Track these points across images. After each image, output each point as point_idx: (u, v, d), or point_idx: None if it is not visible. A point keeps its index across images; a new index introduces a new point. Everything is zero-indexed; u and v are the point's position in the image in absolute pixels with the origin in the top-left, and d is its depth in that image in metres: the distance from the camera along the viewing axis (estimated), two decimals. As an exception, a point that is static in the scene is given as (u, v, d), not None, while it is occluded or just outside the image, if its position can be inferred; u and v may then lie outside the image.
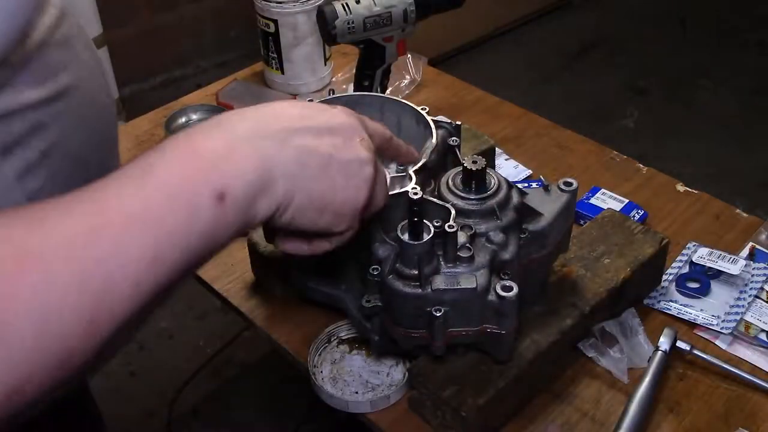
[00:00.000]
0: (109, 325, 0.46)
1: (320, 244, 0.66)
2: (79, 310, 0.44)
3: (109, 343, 0.47)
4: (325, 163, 0.59)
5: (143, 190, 0.49)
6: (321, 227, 0.61)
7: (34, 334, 0.42)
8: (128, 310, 0.47)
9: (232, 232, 0.53)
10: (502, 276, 0.78)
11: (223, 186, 0.51)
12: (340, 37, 1.19)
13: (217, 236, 0.52)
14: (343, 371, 0.93)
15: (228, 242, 0.54)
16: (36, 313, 0.42)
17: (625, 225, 1.01)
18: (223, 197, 0.51)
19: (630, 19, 3.55)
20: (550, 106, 2.95)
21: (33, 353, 0.42)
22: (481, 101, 1.44)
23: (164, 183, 0.50)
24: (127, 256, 0.47)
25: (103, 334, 0.45)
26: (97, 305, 0.45)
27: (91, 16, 2.46)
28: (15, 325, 0.42)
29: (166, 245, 0.49)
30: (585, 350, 0.92)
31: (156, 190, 0.49)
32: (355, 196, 0.62)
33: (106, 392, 1.96)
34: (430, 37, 2.92)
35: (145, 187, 0.49)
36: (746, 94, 3.06)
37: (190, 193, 0.50)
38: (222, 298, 1.06)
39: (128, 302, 0.47)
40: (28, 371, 0.42)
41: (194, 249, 0.51)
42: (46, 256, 0.44)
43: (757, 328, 0.96)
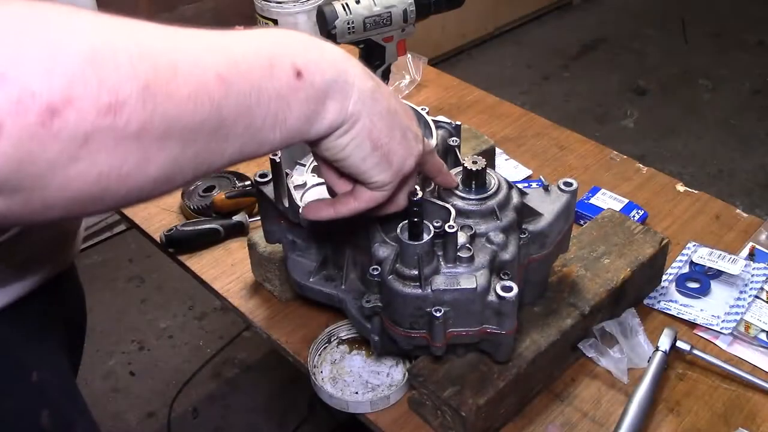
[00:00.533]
0: (153, 113, 0.46)
1: (346, 203, 0.69)
2: (135, 72, 0.45)
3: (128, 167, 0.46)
4: (393, 114, 0.63)
5: (242, 37, 0.54)
6: (366, 168, 0.64)
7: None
8: (174, 116, 0.47)
9: (296, 115, 0.56)
10: (502, 276, 0.78)
11: (304, 65, 0.55)
12: (340, 37, 1.19)
13: (281, 108, 0.54)
14: (343, 371, 0.93)
15: (288, 130, 0.56)
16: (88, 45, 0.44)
17: (625, 225, 1.01)
18: (300, 75, 0.55)
19: (630, 19, 3.56)
20: (550, 106, 2.96)
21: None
22: (481, 101, 1.44)
23: (259, 40, 0.55)
24: (203, 63, 0.49)
25: (150, 108, 0.45)
26: (155, 77, 0.46)
27: (91, 16, 2.46)
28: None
29: (237, 79, 0.51)
30: (585, 350, 0.92)
31: (251, 40, 0.54)
32: (406, 154, 0.66)
33: (106, 392, 1.96)
34: (430, 37, 2.94)
35: (246, 36, 0.54)
36: (746, 94, 3.06)
37: (273, 55, 0.54)
38: (222, 298, 1.06)
39: (178, 105, 0.47)
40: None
41: (257, 105, 0.52)
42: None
43: (757, 328, 0.96)
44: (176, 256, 1.12)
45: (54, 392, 0.79)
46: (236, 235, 1.13)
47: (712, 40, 3.39)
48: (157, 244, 1.13)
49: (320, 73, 0.57)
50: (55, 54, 0.42)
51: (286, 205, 0.86)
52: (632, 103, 3.02)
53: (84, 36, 0.44)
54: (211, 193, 1.17)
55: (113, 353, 2.06)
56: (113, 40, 0.46)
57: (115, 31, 0.47)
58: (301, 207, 0.69)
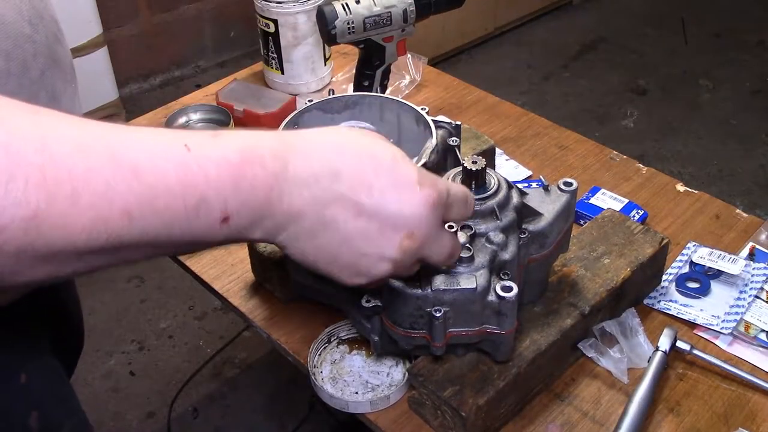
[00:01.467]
0: (41, 232, 0.43)
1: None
2: (26, 196, 0.42)
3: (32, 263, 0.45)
4: (338, 243, 0.58)
5: (176, 158, 0.49)
6: (329, 273, 0.61)
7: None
8: (60, 245, 0.45)
9: (214, 244, 0.54)
10: (502, 276, 0.78)
11: (235, 210, 0.52)
12: (339, 37, 1.20)
13: (194, 242, 0.52)
14: (343, 371, 0.93)
15: (205, 250, 0.55)
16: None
17: (625, 225, 1.01)
18: (227, 220, 0.51)
19: (630, 19, 3.56)
20: (550, 106, 2.96)
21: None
22: (481, 101, 1.44)
23: (202, 169, 0.49)
24: (111, 194, 0.45)
25: (33, 237, 0.43)
26: (47, 207, 0.43)
27: (91, 16, 2.46)
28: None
29: (147, 216, 0.47)
30: (585, 350, 0.92)
31: (193, 169, 0.49)
32: (347, 278, 0.61)
33: (106, 392, 1.96)
34: (430, 37, 2.94)
35: (195, 159, 0.49)
36: (746, 94, 3.06)
37: (205, 197, 0.50)
38: (222, 298, 1.06)
39: (67, 236, 0.44)
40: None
41: (167, 238, 0.50)
42: (48, 140, 0.44)
43: (757, 328, 0.96)
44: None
45: (43, 394, 0.79)
46: (236, 235, 1.13)
47: (712, 40, 3.39)
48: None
49: (251, 218, 0.53)
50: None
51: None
52: (632, 103, 3.02)
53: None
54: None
55: (113, 353, 2.06)
56: (18, 156, 0.43)
57: (26, 145, 0.44)
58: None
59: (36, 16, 0.70)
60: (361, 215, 0.57)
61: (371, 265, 0.60)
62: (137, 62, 2.99)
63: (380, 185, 0.57)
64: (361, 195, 0.57)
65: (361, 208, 0.57)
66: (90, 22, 2.45)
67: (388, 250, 0.59)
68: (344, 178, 0.56)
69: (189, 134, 0.52)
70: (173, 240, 0.50)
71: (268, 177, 0.54)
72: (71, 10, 2.33)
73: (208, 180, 0.50)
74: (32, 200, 0.42)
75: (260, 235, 0.56)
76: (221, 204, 0.51)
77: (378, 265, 0.60)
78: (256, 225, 0.54)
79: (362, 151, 0.58)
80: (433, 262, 0.66)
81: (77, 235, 0.45)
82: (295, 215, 0.55)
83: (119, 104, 2.66)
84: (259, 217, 0.54)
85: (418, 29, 1.26)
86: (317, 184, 0.56)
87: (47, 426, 0.77)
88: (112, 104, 2.62)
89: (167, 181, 0.48)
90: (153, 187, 0.47)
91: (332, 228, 0.57)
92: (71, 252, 0.46)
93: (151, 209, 0.47)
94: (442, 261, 0.66)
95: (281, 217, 0.55)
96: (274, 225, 0.55)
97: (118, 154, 0.47)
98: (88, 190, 0.45)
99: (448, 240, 0.65)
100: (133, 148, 0.48)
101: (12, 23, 0.66)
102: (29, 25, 0.68)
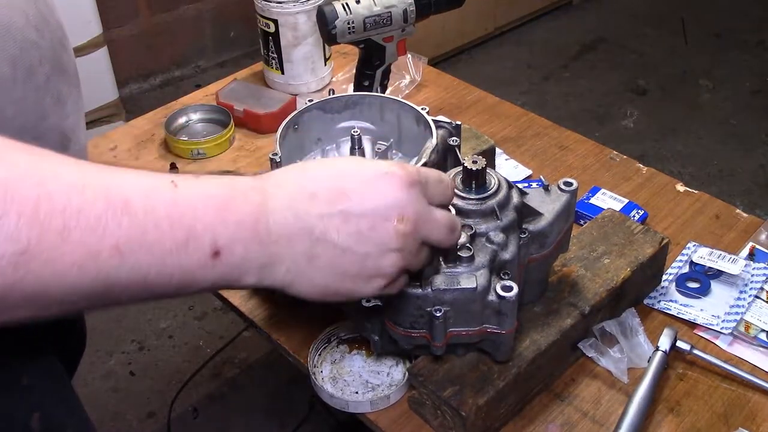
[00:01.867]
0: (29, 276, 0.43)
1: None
2: (18, 232, 0.42)
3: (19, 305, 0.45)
4: (339, 255, 0.58)
5: (164, 195, 0.49)
6: (327, 302, 0.61)
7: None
8: (48, 283, 0.44)
9: (206, 286, 0.53)
10: (502, 276, 0.78)
11: (226, 245, 0.51)
12: (340, 37, 1.20)
13: (185, 280, 0.51)
14: (343, 371, 0.93)
15: (198, 292, 0.53)
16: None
17: (625, 225, 1.01)
18: (218, 254, 0.51)
19: (630, 19, 3.56)
20: (550, 106, 2.96)
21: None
22: (481, 101, 1.44)
23: (189, 204, 0.50)
24: (101, 230, 0.46)
25: (22, 273, 0.43)
26: (38, 242, 0.43)
27: (91, 16, 2.46)
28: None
29: (137, 252, 0.47)
30: (585, 350, 0.92)
31: (180, 203, 0.50)
32: (364, 287, 0.60)
33: (106, 392, 1.96)
34: (430, 37, 2.94)
35: (170, 196, 0.50)
36: (746, 94, 3.06)
37: (193, 228, 0.50)
38: (222, 298, 1.06)
39: (57, 274, 0.44)
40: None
41: (156, 276, 0.49)
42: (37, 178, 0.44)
43: (757, 328, 0.96)
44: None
45: (45, 395, 0.79)
46: (236, 235, 1.13)
47: (712, 40, 3.39)
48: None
49: (243, 252, 0.53)
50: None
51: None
52: (632, 103, 3.02)
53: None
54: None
55: (113, 353, 2.06)
56: (14, 193, 0.43)
57: (23, 182, 0.44)
58: None
59: (42, 21, 0.70)
60: (348, 220, 0.57)
61: (378, 261, 0.59)
62: (137, 62, 2.99)
63: (354, 188, 0.58)
64: (341, 204, 0.57)
65: (346, 214, 0.57)
66: (90, 22, 2.45)
67: (387, 240, 0.59)
68: (320, 196, 0.57)
69: (174, 175, 0.53)
70: (164, 279, 0.50)
71: (252, 209, 0.54)
72: (71, 10, 2.33)
73: (195, 215, 0.51)
74: (23, 236, 0.43)
75: (256, 278, 0.55)
76: (210, 238, 0.51)
77: (385, 260, 0.59)
78: (248, 263, 0.54)
79: (327, 169, 0.60)
80: (437, 241, 0.65)
81: (67, 271, 0.45)
82: (286, 243, 0.56)
83: (119, 104, 2.66)
84: (250, 253, 0.54)
85: (418, 29, 1.26)
86: (298, 206, 0.56)
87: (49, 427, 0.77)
88: (112, 104, 2.62)
89: (156, 216, 0.49)
90: (142, 222, 0.48)
91: (326, 242, 0.57)
92: (60, 290, 0.45)
93: (140, 245, 0.47)
94: (444, 237, 0.65)
95: (274, 248, 0.55)
96: (269, 261, 0.55)
97: (111, 192, 0.48)
98: (79, 225, 0.45)
99: (442, 215, 0.64)
100: (124, 185, 0.49)
101: (18, 29, 0.66)
102: (35, 31, 0.69)
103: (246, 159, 1.30)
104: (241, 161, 1.30)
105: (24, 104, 0.67)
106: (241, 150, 1.32)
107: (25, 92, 0.67)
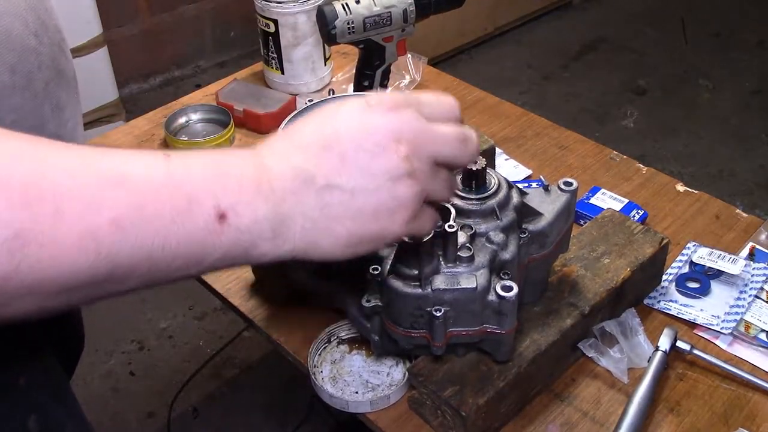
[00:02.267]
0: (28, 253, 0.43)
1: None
2: (10, 218, 0.42)
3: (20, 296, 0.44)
4: (349, 197, 0.55)
5: (158, 166, 0.48)
6: (358, 255, 0.57)
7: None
8: (47, 268, 0.43)
9: (218, 258, 0.51)
10: (502, 276, 0.78)
11: (230, 206, 0.50)
12: (340, 37, 1.20)
13: (194, 253, 0.49)
14: (343, 371, 0.93)
15: (210, 268, 0.51)
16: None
17: (625, 225, 1.01)
18: (224, 217, 0.49)
19: (630, 19, 3.55)
20: (550, 106, 2.96)
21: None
22: (481, 101, 1.44)
23: (185, 172, 0.49)
24: (97, 204, 0.45)
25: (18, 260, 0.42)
26: (32, 224, 0.42)
27: (91, 16, 2.46)
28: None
29: (137, 224, 0.46)
30: (585, 350, 0.92)
31: (174, 172, 0.48)
32: (390, 225, 0.56)
33: (106, 392, 1.96)
34: (430, 37, 2.94)
35: (174, 164, 0.49)
36: (746, 94, 3.06)
37: (194, 192, 0.49)
38: (222, 298, 1.06)
39: (55, 257, 0.43)
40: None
41: (161, 251, 0.47)
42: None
43: (757, 328, 0.96)
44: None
45: (42, 396, 0.79)
46: (236, 235, 1.13)
47: (712, 40, 3.39)
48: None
49: (250, 213, 0.51)
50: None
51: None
52: (632, 103, 3.02)
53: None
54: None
55: (113, 353, 2.06)
56: (2, 180, 0.42)
57: (13, 170, 0.43)
58: None
59: (41, 27, 0.70)
60: (346, 160, 0.55)
61: (393, 192, 0.55)
62: (137, 62, 2.99)
63: (341, 128, 0.56)
64: (334, 147, 0.55)
65: (342, 155, 0.55)
66: (90, 22, 2.45)
67: (392, 167, 0.55)
68: (312, 146, 0.55)
69: (167, 151, 0.52)
70: (169, 254, 0.48)
71: (251, 171, 0.53)
72: (71, 10, 2.33)
73: (193, 181, 0.50)
74: (15, 219, 0.42)
75: (272, 244, 0.53)
76: (212, 201, 0.49)
77: (399, 188, 0.56)
78: (259, 225, 0.52)
79: (311, 122, 0.58)
80: (450, 157, 0.60)
81: (65, 253, 0.44)
82: (293, 199, 0.53)
83: (119, 104, 2.66)
84: (258, 212, 0.52)
85: (418, 29, 1.26)
86: (293, 160, 0.54)
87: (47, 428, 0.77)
88: (112, 104, 2.62)
89: (153, 185, 0.48)
90: (140, 193, 0.47)
91: (333, 188, 0.54)
92: (61, 275, 0.44)
93: (140, 217, 0.46)
94: (456, 151, 0.60)
95: (283, 206, 0.53)
96: (280, 221, 0.53)
97: (104, 171, 0.47)
98: (73, 205, 0.44)
99: (447, 128, 0.60)
100: (116, 162, 0.48)
101: (18, 36, 0.66)
102: (34, 38, 0.68)
103: (246, 159, 1.30)
104: (241, 161, 1.30)
105: (23, 111, 0.67)
106: (241, 150, 1.32)
107: (24, 99, 0.67)
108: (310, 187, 0.54)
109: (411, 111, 0.57)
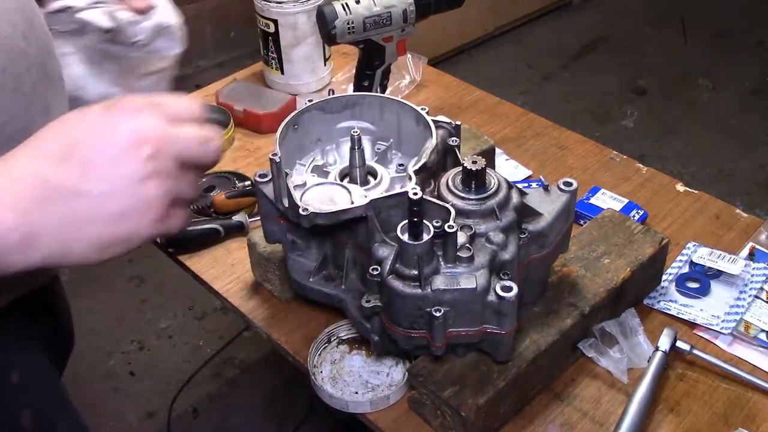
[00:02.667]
0: None
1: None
2: None
3: None
4: (98, 202, 0.54)
5: None
6: (113, 257, 0.57)
7: None
8: None
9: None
10: (502, 276, 0.78)
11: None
12: (339, 37, 1.19)
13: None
14: (343, 371, 0.93)
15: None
16: None
17: (625, 225, 1.01)
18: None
19: (630, 19, 3.56)
20: (550, 106, 2.96)
21: None
22: (481, 101, 1.44)
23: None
24: None
25: None
26: None
27: (91, 16, 2.46)
28: None
29: None
30: (585, 350, 0.92)
31: None
32: (141, 225, 0.56)
33: (106, 392, 1.96)
34: (430, 37, 2.94)
35: None
36: (746, 94, 3.06)
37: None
38: (222, 298, 1.06)
39: None
40: None
41: None
42: None
43: (757, 328, 0.96)
44: (176, 256, 1.12)
45: (35, 392, 0.79)
46: (236, 235, 1.13)
47: (712, 40, 3.39)
48: (157, 244, 1.13)
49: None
50: None
51: (286, 205, 0.86)
52: (632, 103, 3.02)
53: None
54: (211, 193, 1.17)
55: (113, 353, 2.06)
56: None
57: None
58: None
59: (29, 28, 0.70)
60: (90, 166, 0.54)
61: (139, 193, 0.55)
62: (137, 62, 2.99)
63: (83, 134, 0.56)
64: (76, 153, 0.55)
65: (85, 160, 0.54)
66: (90, 22, 2.45)
67: (135, 168, 0.55)
68: (54, 154, 0.55)
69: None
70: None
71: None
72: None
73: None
74: None
75: (19, 247, 0.53)
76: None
77: (145, 189, 0.55)
78: (7, 234, 0.52)
79: (54, 129, 0.57)
80: (193, 157, 0.59)
81: None
82: (40, 208, 0.53)
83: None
84: (6, 222, 0.52)
85: (418, 29, 1.26)
86: (36, 168, 0.54)
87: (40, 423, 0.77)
88: (112, 104, 2.62)
89: None
90: None
91: (80, 195, 0.54)
92: None
93: None
94: (197, 151, 0.59)
95: (32, 216, 0.53)
96: (29, 229, 0.53)
97: None
98: None
99: (190, 130, 0.59)
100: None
101: (7, 38, 0.66)
102: (23, 39, 0.68)
103: (246, 159, 1.30)
104: (241, 161, 1.30)
105: (13, 113, 0.67)
106: (241, 150, 1.32)
107: (13, 101, 0.67)
108: (56, 196, 0.54)
109: (153, 113, 0.57)
